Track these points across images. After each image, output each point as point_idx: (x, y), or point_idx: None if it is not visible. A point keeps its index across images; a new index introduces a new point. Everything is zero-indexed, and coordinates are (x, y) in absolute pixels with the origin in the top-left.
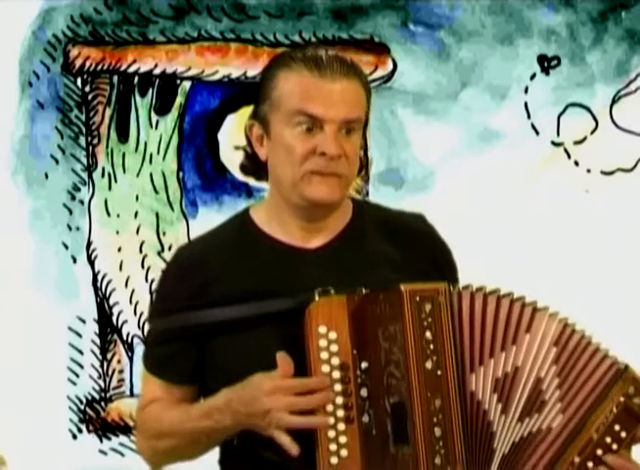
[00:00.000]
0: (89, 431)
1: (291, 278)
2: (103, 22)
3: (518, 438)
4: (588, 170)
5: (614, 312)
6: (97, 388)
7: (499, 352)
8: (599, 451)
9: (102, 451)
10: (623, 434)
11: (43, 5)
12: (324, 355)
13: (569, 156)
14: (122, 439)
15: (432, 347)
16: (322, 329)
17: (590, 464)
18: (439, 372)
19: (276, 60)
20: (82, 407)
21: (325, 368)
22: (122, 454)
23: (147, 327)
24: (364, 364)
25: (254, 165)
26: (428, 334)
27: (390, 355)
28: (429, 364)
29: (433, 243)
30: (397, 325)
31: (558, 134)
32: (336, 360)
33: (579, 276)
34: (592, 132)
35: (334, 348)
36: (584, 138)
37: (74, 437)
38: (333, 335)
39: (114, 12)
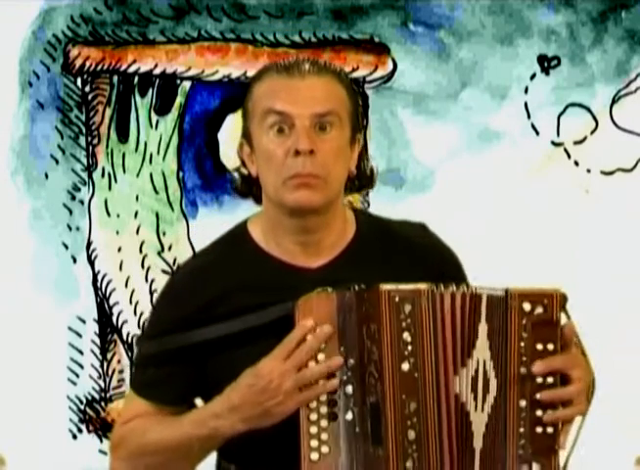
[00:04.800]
0: (89, 431)
1: (290, 299)
2: (103, 22)
3: (484, 429)
4: (588, 170)
5: (614, 312)
6: (97, 388)
7: (475, 352)
8: (539, 380)
9: (102, 451)
10: (550, 346)
11: (43, 5)
12: None
13: (569, 156)
14: None
15: (410, 348)
16: (310, 323)
17: (539, 395)
18: (416, 374)
19: (254, 75)
20: (82, 407)
21: (311, 364)
22: None
23: (135, 350)
24: (351, 361)
25: (249, 186)
26: (406, 335)
27: (371, 354)
28: (405, 366)
29: (438, 256)
30: (376, 325)
31: (558, 134)
32: (322, 356)
33: (579, 276)
34: (592, 132)
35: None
36: (584, 138)
37: (74, 437)
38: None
39: (114, 12)
